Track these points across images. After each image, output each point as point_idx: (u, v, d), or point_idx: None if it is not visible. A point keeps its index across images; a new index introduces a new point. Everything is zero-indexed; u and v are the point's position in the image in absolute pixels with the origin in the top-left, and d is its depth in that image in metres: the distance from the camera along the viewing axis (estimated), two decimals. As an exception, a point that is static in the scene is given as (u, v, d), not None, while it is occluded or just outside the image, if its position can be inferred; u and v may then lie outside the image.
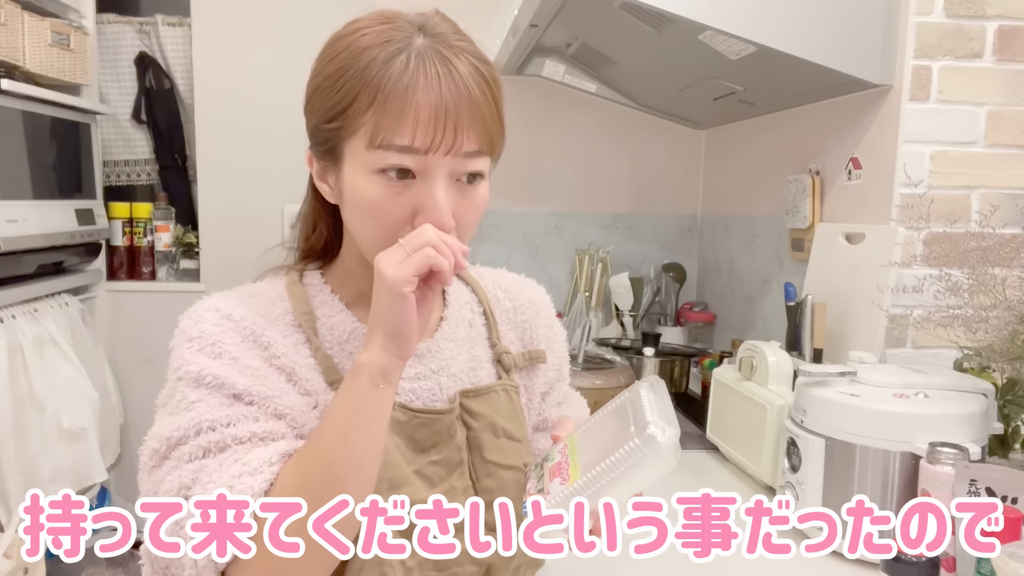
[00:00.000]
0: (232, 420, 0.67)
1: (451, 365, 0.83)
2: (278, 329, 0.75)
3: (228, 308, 0.74)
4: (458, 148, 0.69)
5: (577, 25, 1.83)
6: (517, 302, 0.93)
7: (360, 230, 0.74)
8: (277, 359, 0.73)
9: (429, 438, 0.78)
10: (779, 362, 1.30)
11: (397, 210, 0.70)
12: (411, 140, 0.68)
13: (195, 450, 0.67)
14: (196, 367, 0.70)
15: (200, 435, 0.67)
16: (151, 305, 2.44)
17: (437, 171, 0.70)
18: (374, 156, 0.69)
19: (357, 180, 0.71)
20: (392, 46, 0.70)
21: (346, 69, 0.70)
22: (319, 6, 2.32)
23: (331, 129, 0.72)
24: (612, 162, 2.36)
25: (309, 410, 0.72)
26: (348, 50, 0.71)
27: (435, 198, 0.69)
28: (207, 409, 0.68)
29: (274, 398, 0.70)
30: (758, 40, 1.29)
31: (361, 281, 0.81)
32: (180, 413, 0.69)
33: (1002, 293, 1.08)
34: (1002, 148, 1.35)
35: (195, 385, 0.69)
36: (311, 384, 0.73)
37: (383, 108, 0.68)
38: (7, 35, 1.85)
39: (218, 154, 2.45)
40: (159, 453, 0.68)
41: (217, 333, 0.71)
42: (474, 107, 0.70)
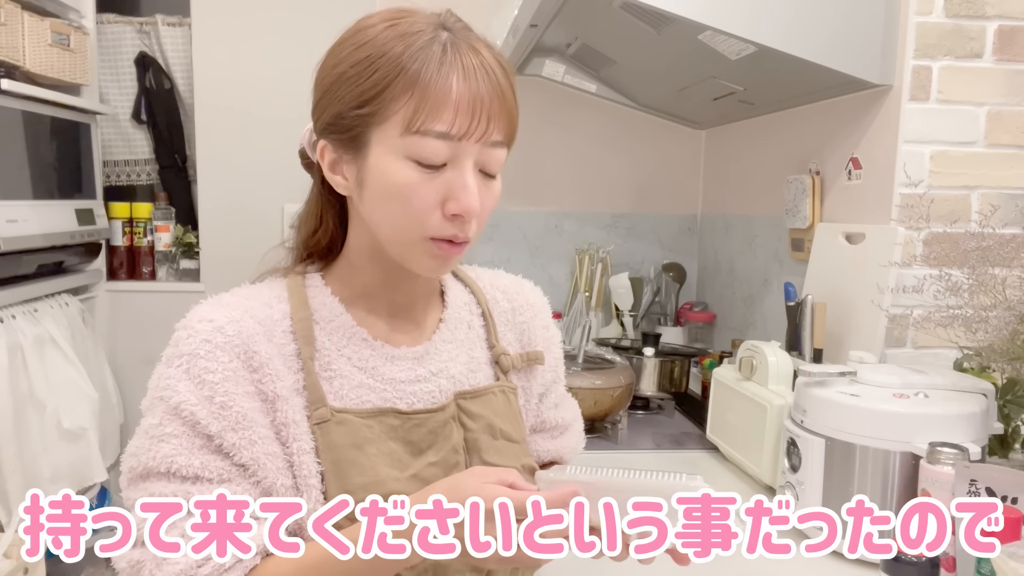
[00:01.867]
0: (199, 472, 0.70)
1: (450, 367, 0.83)
2: (274, 339, 0.75)
3: (221, 319, 0.73)
4: (488, 136, 0.72)
5: (577, 25, 1.83)
6: (515, 303, 0.93)
7: (385, 217, 0.75)
8: (263, 383, 0.73)
9: (425, 439, 0.79)
10: (779, 362, 1.30)
11: (427, 195, 0.72)
12: (450, 126, 0.70)
13: (163, 492, 0.69)
14: (176, 397, 0.71)
15: (171, 477, 0.70)
16: (151, 305, 2.44)
17: (466, 158, 0.72)
18: (410, 141, 0.70)
19: (387, 165, 0.72)
20: (425, 35, 0.71)
21: (379, 56, 0.71)
22: (319, 6, 2.32)
23: (359, 115, 0.72)
24: (612, 162, 2.37)
25: (274, 456, 0.72)
26: (377, 40, 0.72)
27: (466, 183, 0.71)
28: (180, 449, 0.70)
29: (240, 448, 0.71)
30: (758, 40, 1.29)
31: (365, 279, 0.81)
32: (156, 440, 0.71)
33: (1002, 293, 1.08)
34: (1002, 148, 1.35)
35: (172, 415, 0.71)
36: (286, 415, 0.73)
37: (424, 94, 0.69)
38: (7, 35, 1.85)
39: (218, 154, 2.45)
40: (135, 471, 0.72)
41: (205, 353, 0.71)
42: (503, 98, 0.72)
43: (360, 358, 0.79)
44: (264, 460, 0.71)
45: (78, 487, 1.98)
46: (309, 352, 0.76)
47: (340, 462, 0.74)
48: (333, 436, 0.74)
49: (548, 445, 0.94)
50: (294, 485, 0.72)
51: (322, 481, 0.73)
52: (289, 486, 0.72)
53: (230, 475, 0.71)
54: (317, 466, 0.73)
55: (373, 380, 0.78)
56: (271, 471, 0.72)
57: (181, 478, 0.70)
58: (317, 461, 0.73)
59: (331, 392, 0.76)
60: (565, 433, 0.96)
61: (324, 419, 0.74)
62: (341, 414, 0.75)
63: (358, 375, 0.78)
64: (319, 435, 0.74)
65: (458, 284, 0.91)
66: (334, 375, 0.77)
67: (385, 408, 0.78)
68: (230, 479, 0.71)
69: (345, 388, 0.77)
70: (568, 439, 0.96)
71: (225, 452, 0.71)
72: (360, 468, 0.74)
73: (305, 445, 0.73)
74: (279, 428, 0.73)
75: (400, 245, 0.76)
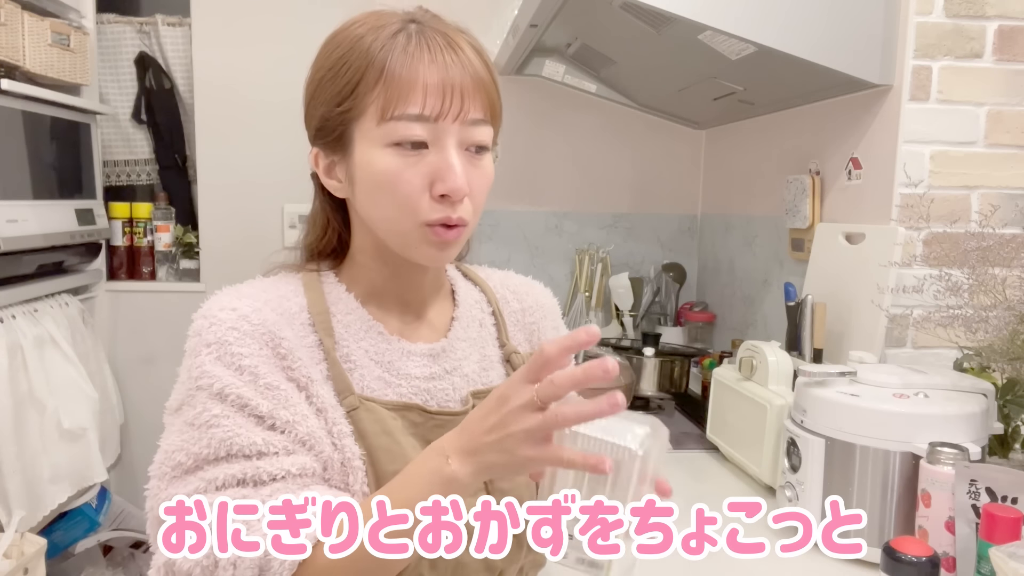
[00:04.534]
0: (262, 449, 0.67)
1: (463, 365, 0.83)
2: (294, 330, 0.75)
3: (245, 308, 0.73)
4: (465, 115, 0.72)
5: (577, 25, 1.83)
6: (525, 304, 0.93)
7: (377, 210, 0.75)
8: (293, 371, 0.72)
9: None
10: (779, 362, 1.30)
11: (413, 179, 0.72)
12: (421, 108, 0.71)
13: (228, 479, 0.66)
14: (218, 381, 0.69)
15: (231, 459, 0.67)
16: (151, 305, 2.44)
17: (448, 139, 0.72)
18: (387, 129, 0.71)
19: (371, 157, 0.73)
20: (391, 27, 0.73)
21: (349, 53, 0.73)
22: (319, 6, 2.32)
23: (340, 113, 0.73)
24: (612, 162, 2.37)
25: (324, 434, 0.71)
26: (348, 39, 0.74)
27: (450, 162, 0.72)
28: (235, 429, 0.67)
29: (295, 424, 0.69)
30: (758, 40, 1.29)
31: (373, 277, 0.82)
32: (204, 428, 0.68)
33: (1002, 293, 1.08)
34: (1002, 148, 1.35)
35: (218, 399, 0.68)
36: (322, 400, 0.73)
37: (392, 81, 0.71)
38: (7, 35, 1.85)
39: (218, 154, 2.45)
40: (183, 466, 0.68)
41: (235, 340, 0.70)
42: (476, 77, 0.73)
43: (377, 352, 0.79)
44: (319, 434, 0.71)
45: (78, 487, 1.98)
46: (330, 343, 0.76)
47: (373, 449, 0.73)
48: (364, 423, 0.74)
49: None
50: (343, 463, 0.72)
51: (364, 464, 0.73)
52: (340, 463, 0.71)
53: (294, 448, 0.69)
54: (359, 449, 0.73)
55: (389, 375, 0.78)
56: (326, 446, 0.71)
57: (244, 457, 0.67)
58: (357, 444, 0.73)
59: (354, 382, 0.76)
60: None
61: (354, 407, 0.74)
62: (368, 403, 0.75)
63: (376, 369, 0.78)
64: (352, 422, 0.74)
65: (468, 283, 0.91)
66: (354, 367, 0.77)
67: (410, 404, 0.78)
68: (295, 451, 0.69)
69: (366, 379, 0.77)
70: None
71: (280, 430, 0.69)
72: (392, 455, 0.74)
73: (344, 429, 0.73)
74: (316, 412, 0.73)
75: (398, 236, 0.76)
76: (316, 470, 0.70)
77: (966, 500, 0.89)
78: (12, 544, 1.66)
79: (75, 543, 2.12)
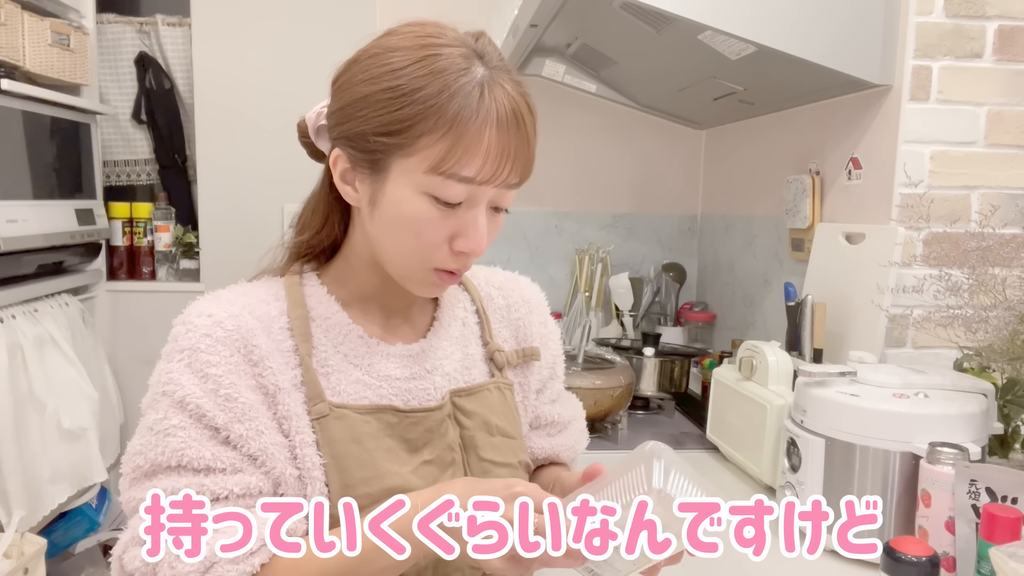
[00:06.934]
0: (210, 463, 0.69)
1: (444, 364, 0.83)
2: (271, 335, 0.75)
3: (220, 314, 0.73)
4: (507, 181, 0.72)
5: (577, 25, 1.83)
6: (511, 299, 0.93)
7: (393, 244, 0.75)
8: (263, 377, 0.73)
9: (421, 437, 0.79)
10: (779, 362, 1.30)
11: (439, 231, 0.73)
12: (476, 173, 0.70)
13: (175, 487, 0.68)
14: (181, 389, 0.70)
15: (181, 471, 0.69)
16: (151, 305, 2.44)
17: (483, 199, 0.73)
18: (433, 181, 0.70)
19: (405, 197, 0.72)
20: (460, 72, 0.70)
21: (412, 89, 0.69)
22: (319, 6, 2.32)
23: (384, 142, 0.71)
24: (612, 162, 2.37)
25: (280, 448, 0.72)
26: (410, 69, 0.70)
27: (478, 224, 0.73)
28: (188, 442, 0.69)
29: (248, 439, 0.70)
30: (758, 40, 1.29)
31: (362, 282, 0.82)
32: (162, 435, 0.70)
33: (1002, 293, 1.08)
34: (1002, 148, 1.35)
35: (178, 408, 0.70)
36: (288, 409, 0.73)
37: (458, 139, 0.69)
38: (7, 35, 1.85)
39: (218, 154, 2.45)
40: (141, 469, 0.70)
41: (206, 347, 0.71)
42: (528, 144, 0.73)
43: (356, 355, 0.79)
44: (272, 450, 0.71)
45: (78, 487, 1.98)
46: (306, 348, 0.76)
47: (340, 456, 0.74)
48: (332, 431, 0.74)
49: (544, 443, 0.94)
50: (299, 476, 0.72)
51: (324, 474, 0.73)
52: (296, 476, 0.72)
53: (242, 465, 0.70)
54: (319, 459, 0.73)
55: (369, 377, 0.79)
56: (279, 461, 0.72)
57: (193, 470, 0.69)
58: (319, 454, 0.73)
59: (328, 388, 0.76)
60: (563, 431, 0.96)
61: (323, 414, 0.75)
62: (339, 409, 0.76)
63: (354, 372, 0.78)
64: (319, 430, 0.74)
65: None
66: (331, 371, 0.77)
67: (383, 405, 0.78)
68: (242, 469, 0.70)
69: (342, 384, 0.77)
70: (566, 437, 0.96)
71: (233, 444, 0.70)
72: (360, 462, 0.74)
73: (307, 438, 0.73)
74: (280, 421, 0.73)
75: (402, 270, 0.77)
76: (262, 489, 0.71)
77: (966, 500, 0.89)
78: (12, 544, 1.66)
79: (75, 543, 2.12)
